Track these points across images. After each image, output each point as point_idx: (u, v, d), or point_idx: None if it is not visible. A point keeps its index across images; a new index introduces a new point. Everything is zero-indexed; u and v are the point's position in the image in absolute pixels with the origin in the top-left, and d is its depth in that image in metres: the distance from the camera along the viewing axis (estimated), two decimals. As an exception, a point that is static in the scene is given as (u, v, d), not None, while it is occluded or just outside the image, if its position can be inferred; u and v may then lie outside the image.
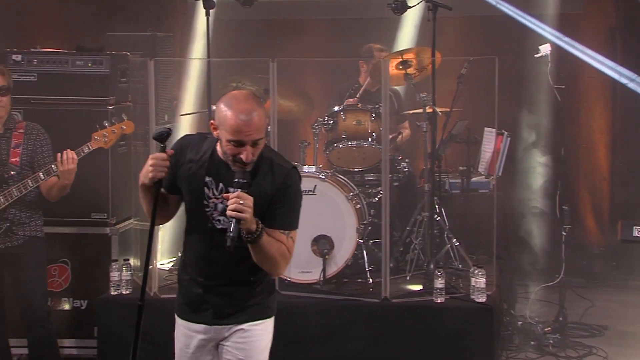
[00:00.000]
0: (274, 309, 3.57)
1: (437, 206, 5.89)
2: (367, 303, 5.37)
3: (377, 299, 5.36)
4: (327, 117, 6.04)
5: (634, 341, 5.99)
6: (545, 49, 6.03)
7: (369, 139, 5.94)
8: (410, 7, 5.96)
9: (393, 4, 5.85)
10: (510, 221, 6.80)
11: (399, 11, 5.88)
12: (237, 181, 3.27)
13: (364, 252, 5.68)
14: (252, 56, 7.09)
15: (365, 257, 5.67)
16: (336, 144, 6.00)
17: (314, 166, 5.76)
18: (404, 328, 5.30)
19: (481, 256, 6.11)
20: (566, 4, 7.58)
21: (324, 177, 5.59)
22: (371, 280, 5.58)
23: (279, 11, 7.90)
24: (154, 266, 5.55)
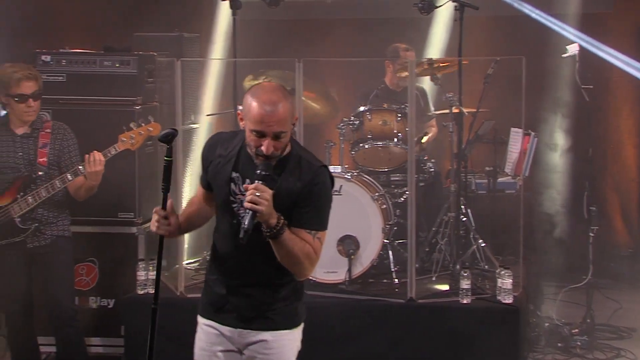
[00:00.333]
0: (302, 316, 3.45)
1: (463, 207, 5.87)
2: (393, 303, 5.36)
3: (403, 299, 5.35)
4: (352, 117, 6.04)
5: (663, 344, 5.94)
6: (573, 48, 5.99)
7: (395, 139, 5.94)
8: (437, 7, 5.95)
9: (419, 3, 5.83)
10: (537, 222, 6.75)
11: (425, 11, 5.86)
12: (259, 173, 3.19)
13: (390, 252, 5.67)
14: (276, 57, 7.10)
15: (391, 258, 5.67)
16: (362, 144, 6.00)
17: (339, 166, 5.76)
18: (429, 329, 5.29)
19: (507, 257, 6.08)
20: (594, 3, 7.52)
21: (349, 177, 5.59)
22: (397, 280, 5.57)
23: (304, 11, 7.90)
24: (180, 265, 5.58)
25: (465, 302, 5.28)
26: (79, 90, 5.67)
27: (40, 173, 4.98)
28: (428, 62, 6.04)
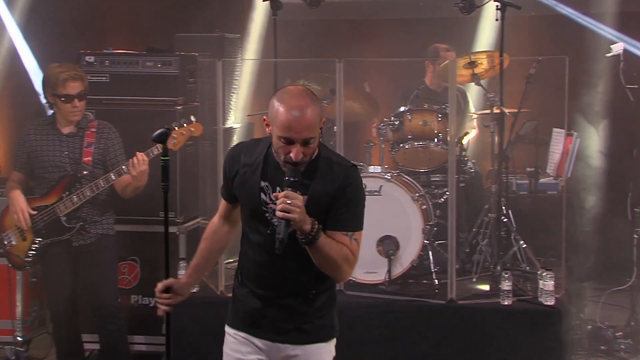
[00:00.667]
0: (337, 326, 3.40)
1: (504, 207, 5.83)
2: (433, 304, 5.34)
3: (443, 300, 5.33)
4: (393, 118, 6.03)
5: None
6: (618, 47, 5.92)
7: (435, 139, 5.91)
8: (478, 6, 5.91)
9: (460, 3, 5.80)
10: (580, 223, 6.67)
11: (466, 11, 5.83)
12: (288, 179, 3.11)
13: (430, 253, 5.65)
14: (315, 57, 7.11)
15: (431, 258, 5.64)
16: (402, 145, 5.98)
17: (379, 166, 5.75)
18: (469, 330, 5.26)
19: (549, 258, 6.02)
20: (633, 1, 7.39)
21: (389, 177, 5.57)
22: (437, 281, 5.55)
23: (344, 11, 7.90)
24: (221, 265, 5.61)
25: (506, 303, 5.24)
26: (122, 90, 5.72)
27: (85, 172, 5.05)
28: (469, 63, 6.00)
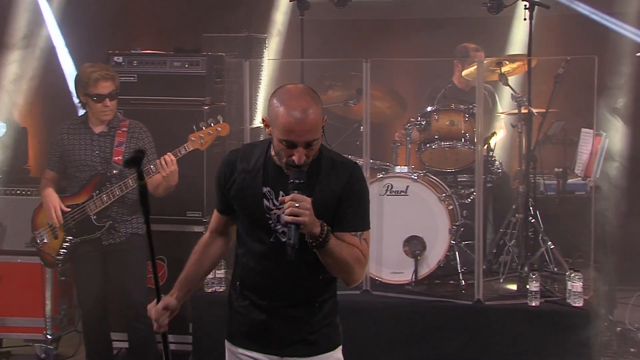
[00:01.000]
0: (341, 333, 3.29)
1: (532, 208, 5.79)
2: (460, 305, 5.32)
3: (470, 301, 5.31)
4: (420, 118, 6.01)
5: None
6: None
7: (462, 139, 5.88)
8: (506, 6, 5.87)
9: (488, 3, 5.77)
10: (609, 224, 6.61)
11: (494, 10, 5.80)
12: (292, 182, 2.97)
13: (457, 253, 5.63)
14: (341, 57, 7.10)
15: (458, 259, 5.62)
16: (429, 145, 5.96)
17: (406, 167, 5.73)
18: (497, 331, 5.23)
19: (578, 260, 5.96)
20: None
21: (416, 177, 5.56)
22: (464, 282, 5.53)
23: (370, 11, 7.88)
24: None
25: (533, 304, 5.21)
26: (150, 90, 5.76)
27: (115, 171, 5.09)
28: (497, 62, 5.97)
